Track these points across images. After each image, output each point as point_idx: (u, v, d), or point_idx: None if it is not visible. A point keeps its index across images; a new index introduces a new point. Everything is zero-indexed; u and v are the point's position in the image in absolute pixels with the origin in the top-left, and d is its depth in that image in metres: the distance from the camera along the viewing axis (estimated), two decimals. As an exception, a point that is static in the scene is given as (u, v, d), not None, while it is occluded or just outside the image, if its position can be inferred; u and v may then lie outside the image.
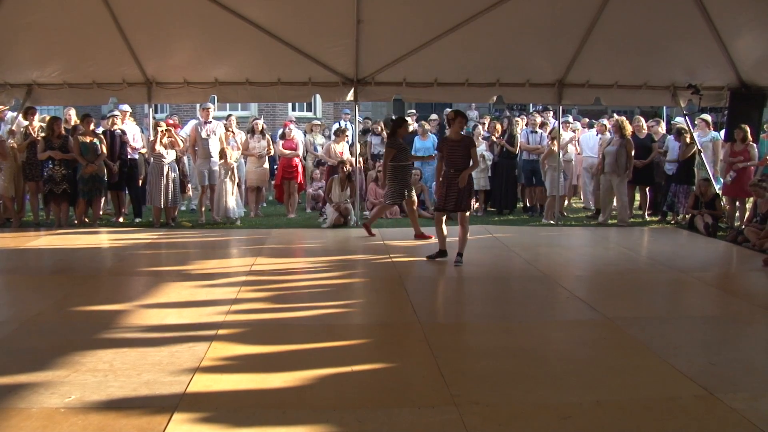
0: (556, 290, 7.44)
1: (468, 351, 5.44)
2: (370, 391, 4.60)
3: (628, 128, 11.91)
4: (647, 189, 12.81)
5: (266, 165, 12.59)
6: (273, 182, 13.34)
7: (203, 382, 4.69)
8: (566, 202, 13.18)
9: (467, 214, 8.42)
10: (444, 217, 8.57)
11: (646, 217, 12.64)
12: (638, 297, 7.22)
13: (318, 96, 11.85)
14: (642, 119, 12.94)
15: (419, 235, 9.98)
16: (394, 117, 17.21)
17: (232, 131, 12.09)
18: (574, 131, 13.88)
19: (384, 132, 13.69)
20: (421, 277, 7.88)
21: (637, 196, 13.14)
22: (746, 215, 11.14)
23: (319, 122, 15.27)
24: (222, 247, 9.70)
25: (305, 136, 14.42)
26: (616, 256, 9.32)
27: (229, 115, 12.69)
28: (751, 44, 10.66)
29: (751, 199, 11.14)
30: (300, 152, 12.93)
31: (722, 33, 10.41)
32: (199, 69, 11.02)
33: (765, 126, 12.06)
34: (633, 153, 11.79)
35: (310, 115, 21.64)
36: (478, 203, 8.20)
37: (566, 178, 12.63)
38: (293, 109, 21.38)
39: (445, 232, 8.55)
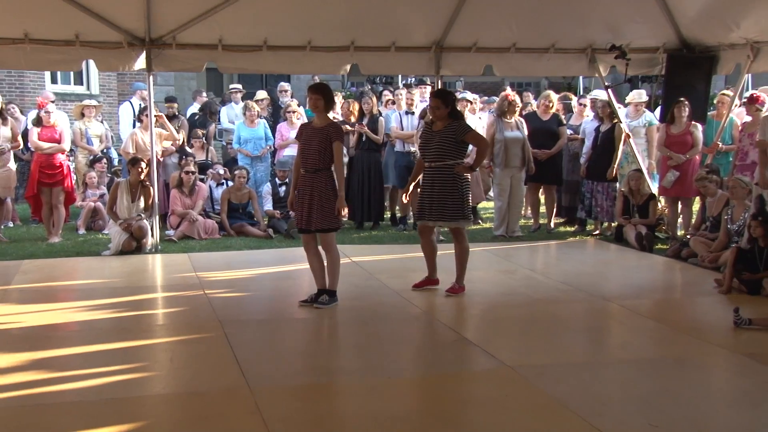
0: (439, 331, 7.59)
1: (320, 423, 5.41)
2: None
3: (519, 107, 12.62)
4: (555, 189, 13.35)
5: (12, 164, 12.10)
6: (24, 191, 12.84)
7: None
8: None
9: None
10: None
11: (552, 226, 13.18)
12: (549, 337, 7.45)
13: (91, 62, 11.51)
14: (552, 94, 13.45)
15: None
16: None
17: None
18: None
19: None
20: (251, 322, 7.80)
21: (542, 199, 13.64)
22: (692, 221, 11.76)
23: (94, 102, 14.87)
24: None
25: (74, 122, 14.00)
26: (519, 281, 9.61)
27: None
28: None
29: (698, 199, 11.74)
30: (65, 146, 12.51)
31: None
32: None
33: (715, 100, 12.66)
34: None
35: (81, 90, 21.03)
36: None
37: None
38: (53, 82, 20.67)
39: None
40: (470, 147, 9.23)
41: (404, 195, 9.17)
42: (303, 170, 8.24)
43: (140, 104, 14.28)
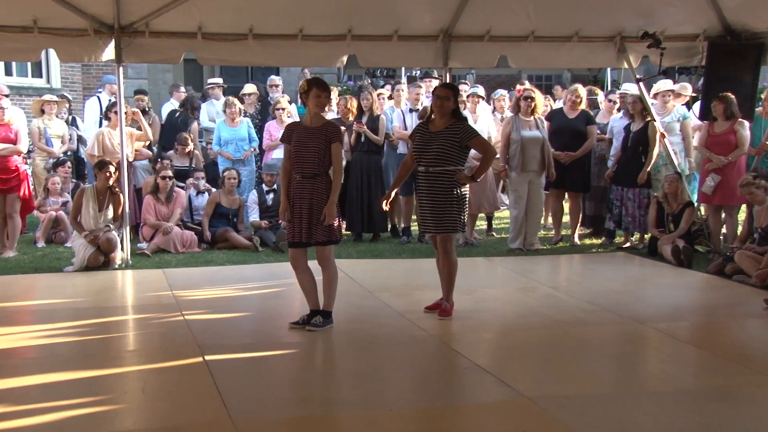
0: (448, 357, 7.59)
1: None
2: None
3: (540, 102, 12.55)
4: (581, 197, 13.34)
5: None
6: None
7: None
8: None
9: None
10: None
11: (576, 239, 13.14)
12: (573, 364, 7.44)
13: (52, 52, 11.50)
14: (580, 88, 13.40)
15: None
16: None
17: None
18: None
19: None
20: (234, 347, 7.77)
21: (566, 208, 13.65)
22: (737, 232, 11.71)
23: (55, 97, 14.84)
24: None
25: (31, 120, 13.98)
26: (538, 301, 9.60)
27: None
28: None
29: (744, 208, 11.68)
30: (22, 147, 12.48)
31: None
32: None
33: (763, 94, 12.53)
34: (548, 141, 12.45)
35: (40, 83, 21.01)
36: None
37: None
38: (8, 73, 20.65)
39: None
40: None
41: (385, 202, 9.04)
42: (299, 176, 8.17)
43: (110, 100, 14.26)
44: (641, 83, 12.77)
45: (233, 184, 12.89)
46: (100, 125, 13.94)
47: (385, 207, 9.10)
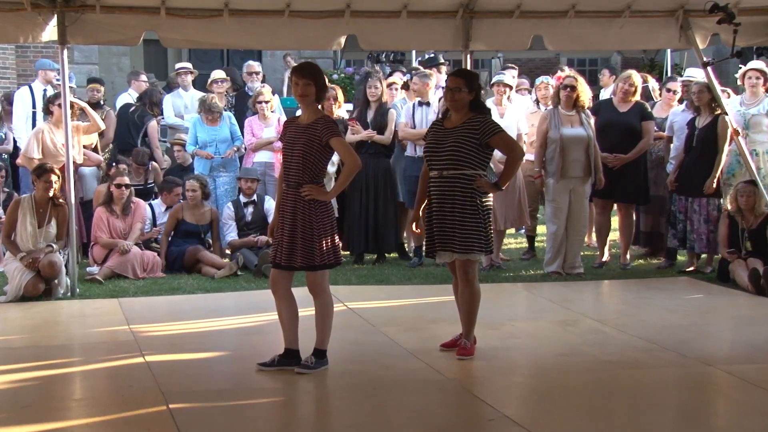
0: (470, 406, 7.61)
1: None
2: None
3: (585, 93, 12.45)
4: (634, 209, 13.30)
5: None
6: None
7: None
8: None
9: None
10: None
11: (628, 260, 13.11)
12: (625, 415, 7.46)
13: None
14: (635, 75, 13.34)
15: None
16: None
17: None
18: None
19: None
20: (206, 394, 7.79)
21: (615, 223, 13.62)
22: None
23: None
24: None
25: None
26: (581, 337, 9.63)
27: None
28: None
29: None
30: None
31: None
32: None
33: None
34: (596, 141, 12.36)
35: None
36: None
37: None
38: None
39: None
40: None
41: (413, 224, 9.12)
42: (284, 184, 8.23)
43: (44, 90, 14.25)
44: (709, 67, 12.68)
45: (195, 198, 12.86)
46: (33, 122, 13.91)
47: (416, 230, 9.16)
